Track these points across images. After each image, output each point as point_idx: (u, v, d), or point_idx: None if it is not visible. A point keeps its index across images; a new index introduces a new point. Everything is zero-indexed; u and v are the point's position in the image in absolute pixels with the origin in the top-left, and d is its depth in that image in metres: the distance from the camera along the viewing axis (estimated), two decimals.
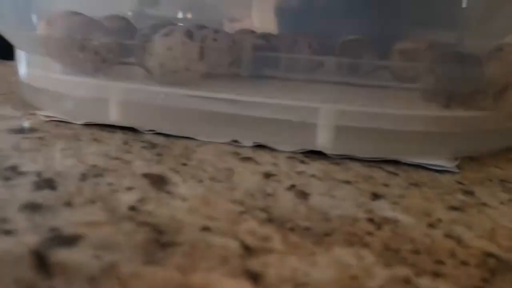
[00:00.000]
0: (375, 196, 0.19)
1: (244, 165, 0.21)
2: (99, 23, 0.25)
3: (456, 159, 0.23)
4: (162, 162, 0.21)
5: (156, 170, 0.20)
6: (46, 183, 0.18)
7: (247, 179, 0.19)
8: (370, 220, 0.16)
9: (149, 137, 0.24)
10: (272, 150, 0.24)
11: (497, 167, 0.23)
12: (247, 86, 0.24)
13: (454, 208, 0.18)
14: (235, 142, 0.24)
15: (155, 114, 0.25)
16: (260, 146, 0.24)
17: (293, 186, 0.19)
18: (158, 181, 0.19)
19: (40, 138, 0.23)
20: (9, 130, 0.24)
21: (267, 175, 0.20)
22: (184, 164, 0.21)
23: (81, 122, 0.26)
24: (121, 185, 0.18)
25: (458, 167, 0.22)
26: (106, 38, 0.24)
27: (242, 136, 0.24)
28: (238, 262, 0.13)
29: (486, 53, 0.23)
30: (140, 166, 0.20)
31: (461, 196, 0.19)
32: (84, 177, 0.19)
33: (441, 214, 0.17)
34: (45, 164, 0.20)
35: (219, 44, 0.27)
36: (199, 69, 0.24)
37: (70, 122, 0.26)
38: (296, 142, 0.23)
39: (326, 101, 0.22)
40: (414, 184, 0.20)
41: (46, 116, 0.26)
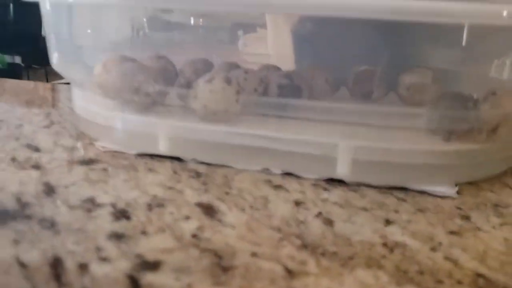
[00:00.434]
0: (388, 222, 0.23)
1: (276, 193, 0.25)
2: (148, 68, 0.29)
3: (456, 185, 0.27)
4: (208, 191, 0.25)
5: (205, 199, 0.24)
6: (122, 214, 0.22)
7: (281, 207, 0.24)
8: (384, 244, 0.21)
9: (193, 165, 0.29)
10: (298, 177, 0.28)
11: (492, 192, 0.27)
12: (275, 123, 0.28)
13: (453, 232, 0.22)
14: (267, 170, 0.28)
15: (198, 146, 0.29)
16: (288, 174, 0.28)
17: (320, 213, 0.23)
18: (209, 210, 0.23)
19: (103, 170, 0.27)
20: (76, 162, 0.28)
21: (297, 203, 0.24)
22: (227, 193, 0.25)
23: (133, 152, 0.30)
24: (180, 214, 0.22)
25: (458, 192, 0.26)
26: (155, 83, 0.28)
27: (272, 165, 0.28)
28: (284, 283, 0.17)
29: (482, 94, 0.27)
30: (191, 195, 0.24)
31: (459, 221, 0.23)
32: (149, 207, 0.23)
33: (442, 238, 0.21)
34: (115, 195, 0.24)
35: (250, 83, 0.31)
36: (236, 110, 0.28)
37: (124, 152, 0.30)
38: (319, 171, 0.27)
39: (344, 138, 0.26)
40: (420, 210, 0.24)
41: (102, 146, 0.30)
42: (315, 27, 0.38)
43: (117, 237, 0.20)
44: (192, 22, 0.38)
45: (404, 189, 0.27)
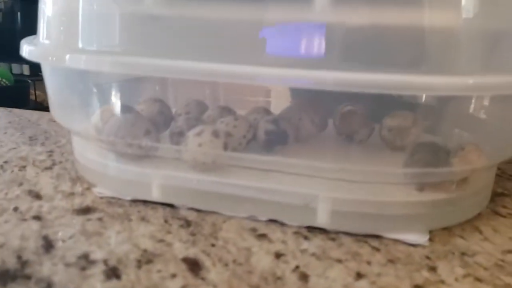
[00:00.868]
0: (359, 275, 0.25)
1: (259, 243, 0.27)
2: (143, 120, 0.31)
3: (430, 232, 0.29)
4: (195, 243, 0.27)
5: (192, 253, 0.26)
6: (113, 272, 0.24)
7: (262, 260, 0.26)
8: None
9: (184, 212, 0.31)
10: (282, 224, 0.30)
11: (462, 238, 0.29)
12: (260, 174, 0.30)
13: (417, 286, 0.24)
14: (253, 217, 0.30)
15: (189, 194, 0.31)
16: (273, 221, 0.30)
17: (297, 267, 0.25)
18: (194, 266, 0.25)
19: (99, 219, 0.29)
20: (74, 211, 0.30)
21: (278, 255, 0.26)
22: (213, 245, 0.27)
23: (128, 198, 0.32)
24: (167, 271, 0.24)
25: (430, 239, 0.28)
26: (148, 137, 0.30)
27: (258, 212, 0.30)
28: None
29: (454, 148, 0.29)
30: (179, 249, 0.26)
31: (426, 273, 0.25)
32: (139, 263, 0.25)
33: None
34: (108, 250, 0.26)
35: (239, 130, 0.33)
36: (223, 161, 0.30)
37: (119, 198, 0.32)
38: (301, 220, 0.29)
39: (323, 190, 0.28)
40: (391, 260, 0.26)
41: (99, 192, 0.33)
42: None
43: None
44: None
45: (379, 236, 0.28)
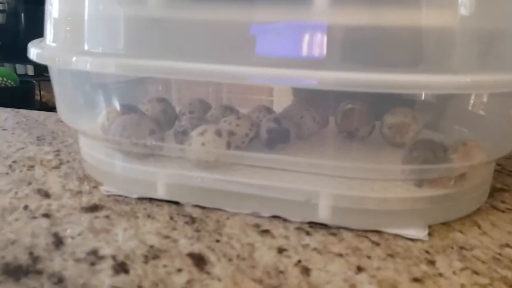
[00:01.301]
0: (359, 269, 0.25)
1: (262, 239, 0.28)
2: (147, 120, 0.32)
3: (429, 227, 0.29)
4: (200, 239, 0.28)
5: (197, 249, 0.27)
6: (121, 267, 0.25)
7: (265, 255, 0.26)
8: None
9: (189, 209, 0.32)
10: (285, 220, 0.30)
11: (461, 232, 0.30)
12: (263, 172, 0.31)
13: (416, 279, 0.25)
14: (256, 213, 0.31)
15: (194, 192, 0.32)
16: (276, 217, 0.31)
17: (299, 261, 0.26)
18: (199, 261, 0.26)
19: (106, 217, 0.30)
20: (82, 209, 0.31)
21: (280, 250, 0.27)
22: (217, 240, 0.28)
23: (135, 196, 0.33)
24: (173, 266, 0.25)
25: (429, 234, 0.29)
26: (152, 137, 0.31)
27: (261, 209, 0.31)
28: None
29: (452, 143, 0.30)
30: (184, 245, 0.27)
31: (424, 266, 0.26)
32: (146, 259, 0.26)
33: (404, 286, 0.24)
34: (116, 246, 0.27)
35: (241, 128, 0.34)
36: (226, 160, 0.31)
37: (126, 196, 0.33)
38: (303, 216, 0.30)
39: (324, 187, 0.29)
40: (391, 255, 0.27)
41: (106, 191, 0.33)
42: None
43: None
44: None
45: (379, 231, 0.29)
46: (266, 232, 0.29)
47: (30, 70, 1.68)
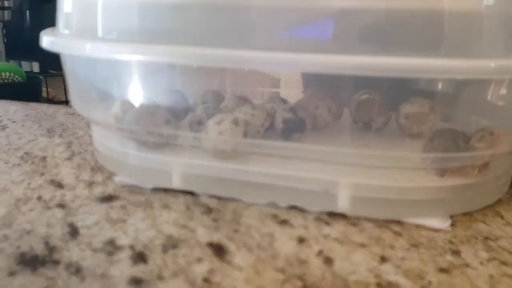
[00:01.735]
0: (383, 259, 0.25)
1: (281, 229, 0.28)
2: (162, 110, 0.32)
3: (451, 217, 0.29)
4: (218, 229, 0.27)
5: (215, 238, 0.26)
6: (140, 257, 0.24)
7: (285, 245, 0.26)
8: (378, 284, 0.23)
9: (205, 200, 0.31)
10: (303, 211, 0.30)
11: (484, 223, 0.29)
12: (280, 161, 0.30)
13: (442, 270, 0.24)
14: (273, 203, 0.30)
15: (210, 182, 0.31)
16: (293, 207, 0.30)
17: (321, 251, 0.25)
18: (219, 250, 0.25)
19: (122, 207, 0.30)
20: (97, 199, 0.31)
21: (301, 240, 0.26)
22: (236, 230, 0.27)
23: (149, 186, 0.32)
24: (193, 256, 0.25)
25: (452, 224, 0.28)
26: (168, 125, 0.31)
27: (279, 199, 0.30)
28: None
29: (474, 131, 0.29)
30: (202, 234, 0.27)
31: (449, 256, 0.25)
32: (165, 248, 0.25)
33: (432, 276, 0.23)
34: (133, 236, 0.26)
35: (257, 118, 0.33)
36: (243, 149, 0.30)
37: (140, 187, 0.32)
38: (322, 206, 0.29)
39: (343, 176, 0.28)
40: (414, 245, 0.26)
41: (120, 181, 0.33)
42: None
43: (136, 282, 0.22)
44: None
45: (400, 222, 0.28)
46: (284, 222, 0.28)
47: (36, 67, 1.68)
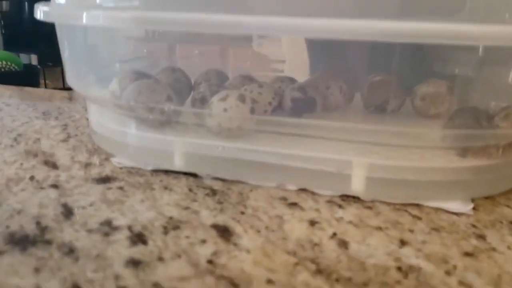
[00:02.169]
0: (402, 243, 0.23)
1: (291, 212, 0.26)
2: (163, 85, 0.30)
3: (472, 201, 0.27)
4: (223, 211, 0.25)
5: (220, 220, 0.24)
6: (138, 238, 0.22)
7: (296, 228, 0.24)
8: (399, 268, 0.21)
9: (208, 182, 0.29)
10: (313, 194, 0.28)
11: (508, 207, 0.27)
12: (289, 140, 0.28)
13: (467, 254, 0.22)
14: (282, 186, 0.28)
15: (213, 162, 0.29)
16: (303, 190, 0.28)
17: (334, 234, 0.23)
18: (224, 232, 0.23)
19: (120, 188, 0.28)
20: (93, 180, 0.29)
21: (312, 223, 0.24)
22: (242, 212, 0.25)
23: (149, 168, 0.30)
24: (196, 237, 0.23)
25: (474, 208, 0.26)
26: (170, 101, 0.29)
27: (287, 181, 0.28)
28: None
29: (498, 111, 0.27)
30: (206, 216, 0.25)
31: (474, 240, 0.23)
32: (166, 230, 0.23)
33: (456, 261, 0.21)
34: (132, 217, 0.24)
35: (264, 97, 0.31)
36: (250, 127, 0.28)
37: (140, 168, 0.30)
38: (334, 188, 0.27)
39: (357, 155, 0.26)
40: (435, 229, 0.24)
41: (119, 162, 0.31)
42: None
43: (134, 263, 0.20)
44: None
45: (419, 205, 0.27)
46: (294, 204, 0.26)
47: (34, 60, 1.66)
